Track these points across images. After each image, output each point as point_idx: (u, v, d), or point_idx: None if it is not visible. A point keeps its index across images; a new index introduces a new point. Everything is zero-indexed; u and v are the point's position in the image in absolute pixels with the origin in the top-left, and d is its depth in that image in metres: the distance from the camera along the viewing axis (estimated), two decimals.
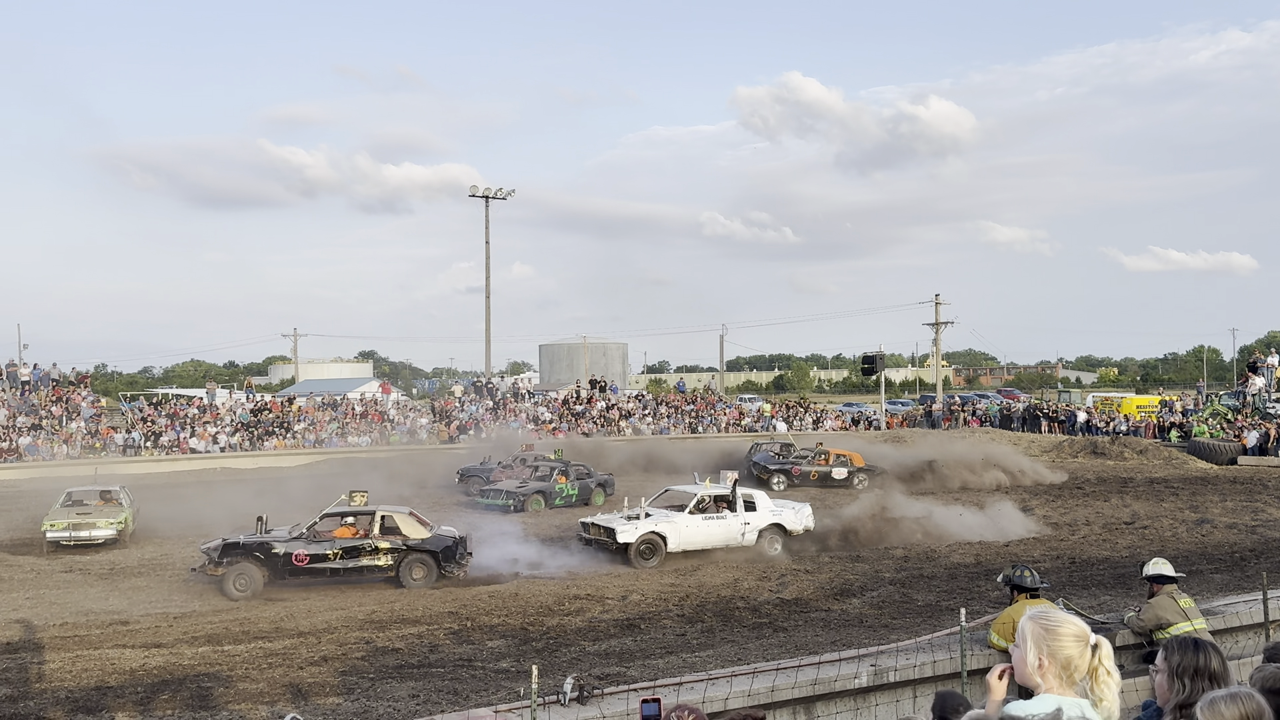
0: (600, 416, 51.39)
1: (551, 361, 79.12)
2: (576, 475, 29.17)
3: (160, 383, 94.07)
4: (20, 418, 40.58)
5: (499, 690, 10.89)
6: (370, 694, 10.90)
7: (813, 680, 7.73)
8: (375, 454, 41.22)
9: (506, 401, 51.84)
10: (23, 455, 38.11)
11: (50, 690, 11.15)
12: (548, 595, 16.19)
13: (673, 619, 14.70)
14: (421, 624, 14.38)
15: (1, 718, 10.08)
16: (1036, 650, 3.03)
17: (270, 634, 13.78)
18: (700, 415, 54.04)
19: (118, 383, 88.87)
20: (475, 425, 48.40)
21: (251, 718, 9.95)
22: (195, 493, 29.81)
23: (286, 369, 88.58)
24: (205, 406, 46.01)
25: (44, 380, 44.26)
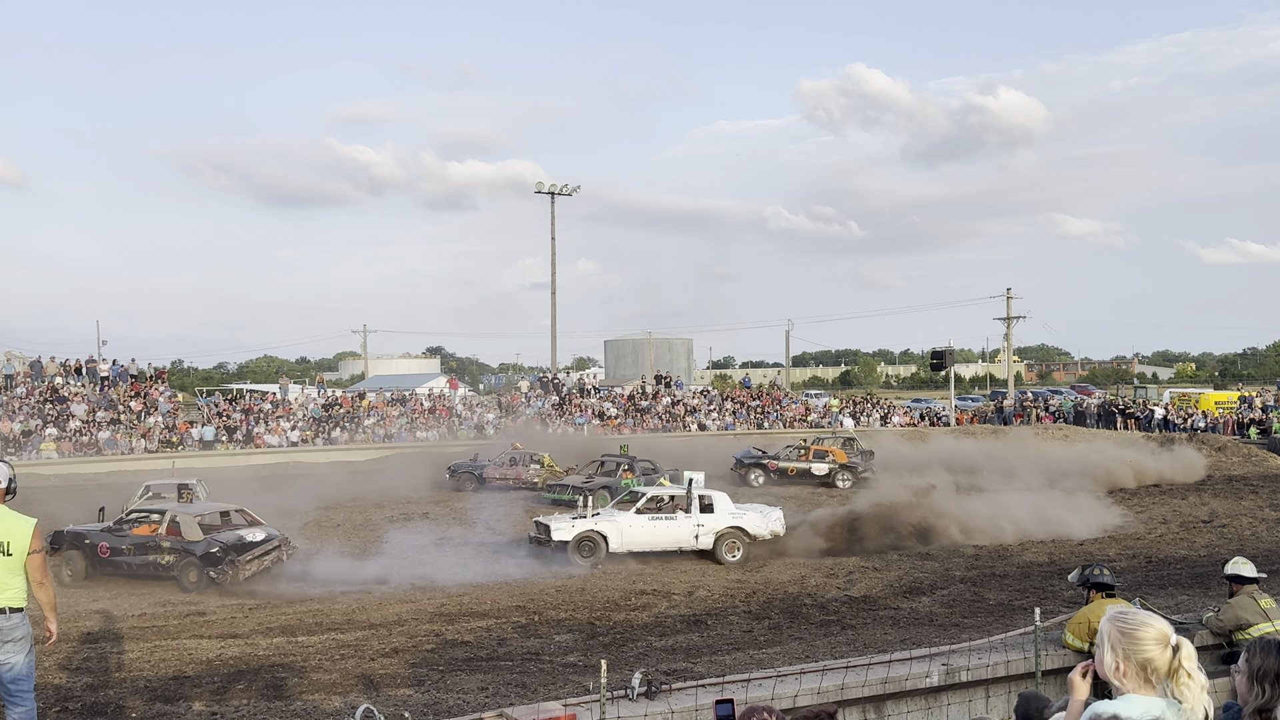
0: (665, 412, 51.43)
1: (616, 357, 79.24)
2: (642, 471, 29.23)
3: (235, 378, 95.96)
4: (100, 412, 41.66)
5: (566, 684, 10.96)
6: (440, 686, 11.03)
7: (883, 679, 7.68)
8: (442, 448, 41.66)
9: (572, 397, 52.08)
10: (102, 449, 39.12)
11: (129, 679, 11.44)
12: (614, 590, 16.26)
13: (739, 615, 14.68)
14: (490, 617, 14.52)
15: (82, 706, 10.35)
16: (1113, 652, 2.98)
17: (342, 626, 14.01)
18: (766, 411, 53.84)
19: (194, 378, 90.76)
20: (541, 421, 48.70)
21: (325, 708, 10.12)
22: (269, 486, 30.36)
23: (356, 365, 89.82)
24: (278, 401, 46.84)
25: (122, 376, 45.37)
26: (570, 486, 27.92)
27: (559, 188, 58.43)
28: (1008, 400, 57.80)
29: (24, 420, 40.17)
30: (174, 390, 48.84)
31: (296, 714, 9.94)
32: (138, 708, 10.32)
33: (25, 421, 40.07)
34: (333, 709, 10.04)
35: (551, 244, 58.84)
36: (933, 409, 59.76)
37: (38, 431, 39.51)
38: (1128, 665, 2.96)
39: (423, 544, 20.84)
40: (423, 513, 26.43)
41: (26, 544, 6.10)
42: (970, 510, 22.89)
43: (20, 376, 44.55)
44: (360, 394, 50.47)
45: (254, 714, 10.00)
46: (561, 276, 54.88)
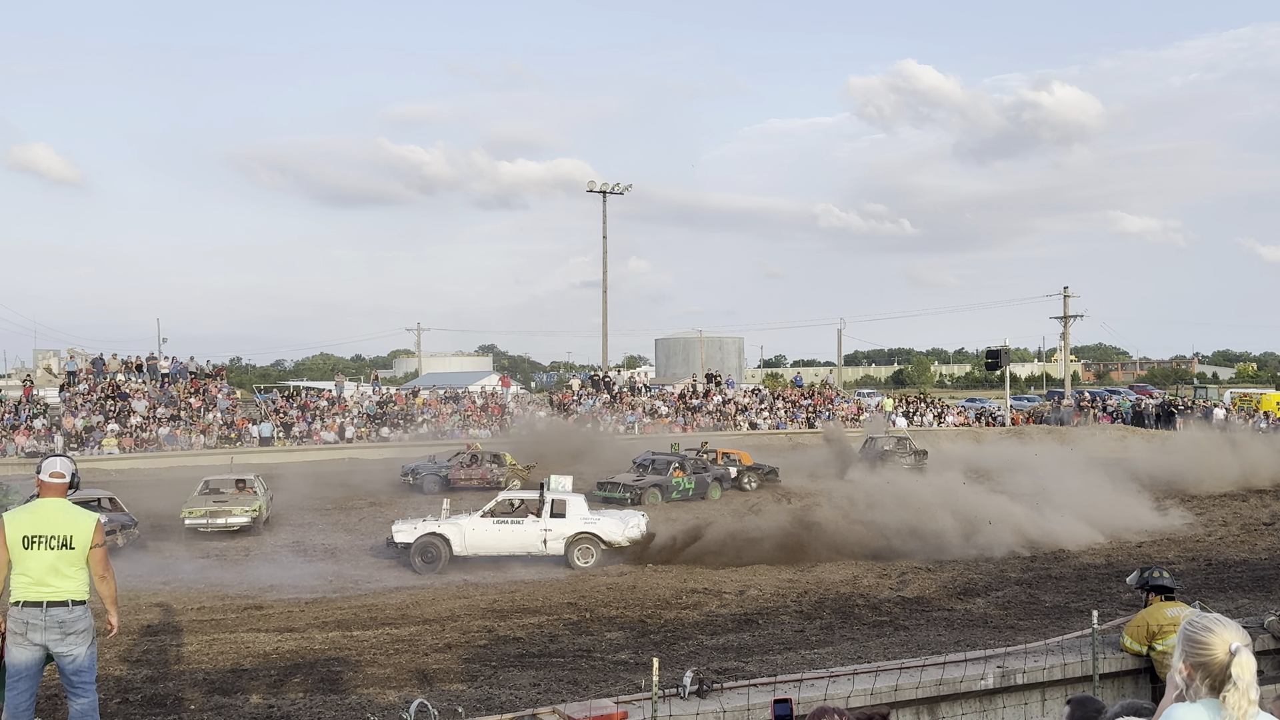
0: (716, 411, 51.33)
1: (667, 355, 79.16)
2: (693, 469, 29.20)
3: (291, 375, 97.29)
4: (160, 409, 42.40)
5: (618, 681, 10.97)
6: (493, 681, 11.09)
7: (937, 680, 7.59)
8: (494, 446, 41.89)
9: (623, 395, 52.15)
10: (162, 445, 39.84)
11: (188, 672, 11.62)
12: (665, 588, 16.25)
13: (791, 615, 14.60)
14: (541, 614, 14.58)
15: (142, 698, 10.53)
16: (1181, 656, 2.95)
17: (397, 620, 14.14)
18: (817, 410, 53.54)
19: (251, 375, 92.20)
20: (594, 419, 48.81)
21: (379, 702, 10.21)
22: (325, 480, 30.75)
23: (410, 362, 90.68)
24: (334, 399, 47.39)
25: (182, 373, 46.14)
26: (621, 484, 27.96)
27: (610, 186, 58.53)
28: (1065, 400, 56.96)
29: (86, 416, 41.00)
30: (232, 387, 49.58)
31: (351, 707, 10.04)
32: (196, 700, 10.48)
33: (88, 418, 40.90)
34: (387, 703, 10.13)
35: (603, 242, 58.97)
36: (988, 409, 59.07)
37: (99, 428, 40.31)
38: (1188, 668, 2.92)
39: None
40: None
41: (89, 538, 6.21)
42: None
43: (83, 373, 45.48)
44: (414, 391, 50.93)
45: (310, 707, 10.12)
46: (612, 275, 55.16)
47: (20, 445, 38.35)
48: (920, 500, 22.74)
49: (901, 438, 34.83)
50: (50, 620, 6.10)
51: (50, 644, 6.14)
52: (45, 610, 6.09)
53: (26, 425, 39.95)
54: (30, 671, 6.17)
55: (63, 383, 45.98)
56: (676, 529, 20.96)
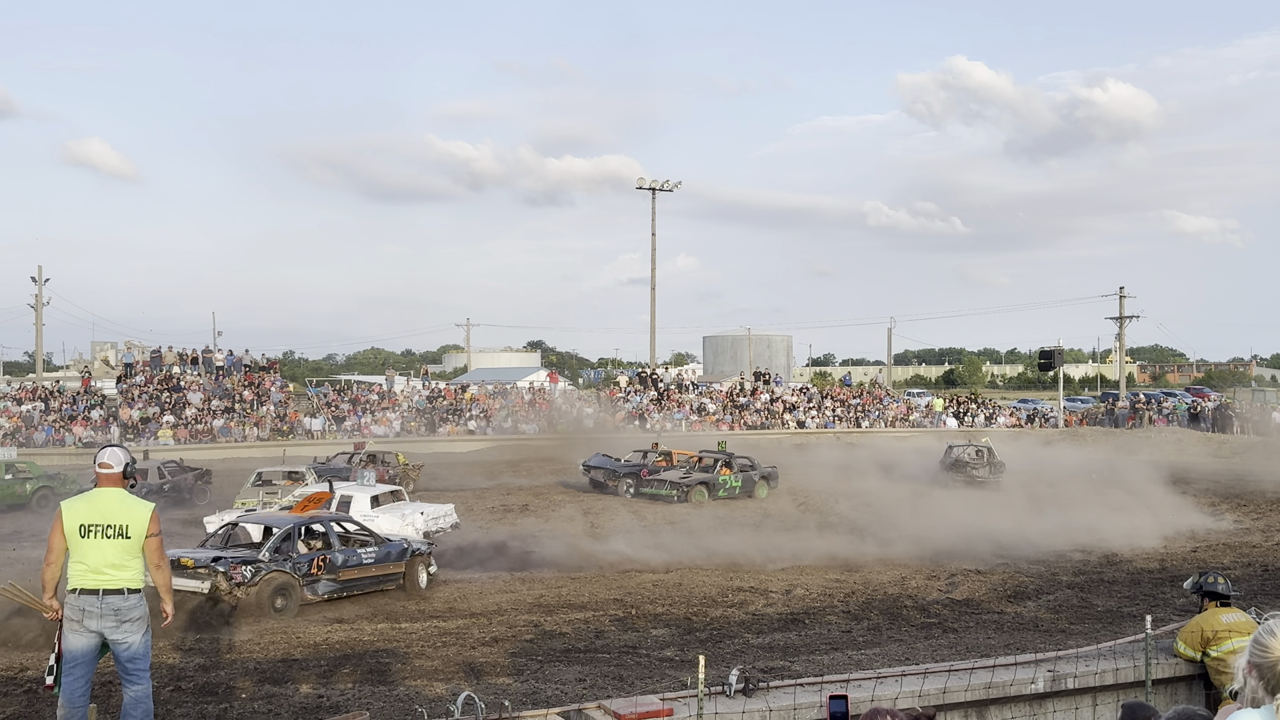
0: (764, 409, 51.15)
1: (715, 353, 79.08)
2: (740, 467, 29.11)
3: (343, 369, 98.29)
4: (214, 401, 43.03)
5: (663, 678, 10.95)
6: (539, 676, 11.13)
7: (986, 684, 7.50)
8: (541, 441, 42.09)
9: (670, 393, 52.13)
10: (216, 437, 40.43)
11: (239, 661, 11.77)
12: (711, 586, 16.22)
13: (838, 615, 14.51)
14: (588, 610, 14.61)
15: (194, 686, 10.67)
16: (1246, 654, 2.91)
17: (444, 614, 14.24)
18: (866, 410, 53.18)
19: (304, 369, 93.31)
20: (641, 416, 48.83)
21: (427, 694, 10.28)
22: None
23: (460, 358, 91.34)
24: (384, 393, 47.84)
25: (236, 366, 46.82)
26: (669, 482, 27.95)
27: (659, 184, 58.47)
28: (1120, 402, 56.10)
29: (143, 408, 41.71)
30: (285, 380, 50.21)
31: (400, 699, 10.11)
32: (248, 689, 10.61)
33: (144, 409, 41.61)
34: (435, 695, 10.19)
35: (652, 240, 58.96)
36: (1040, 410, 58.31)
37: (155, 419, 40.99)
38: (1249, 667, 2.89)
39: None
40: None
41: (145, 527, 6.31)
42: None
43: (140, 365, 46.29)
44: (463, 386, 51.30)
45: (359, 698, 10.20)
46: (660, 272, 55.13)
47: (78, 436, 39.10)
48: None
49: (982, 448, 32.50)
50: (106, 608, 6.21)
51: (106, 631, 6.25)
52: (101, 598, 6.20)
53: (84, 416, 40.74)
54: (86, 658, 6.28)
55: (120, 374, 46.86)
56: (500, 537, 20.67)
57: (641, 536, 21.32)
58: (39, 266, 53.02)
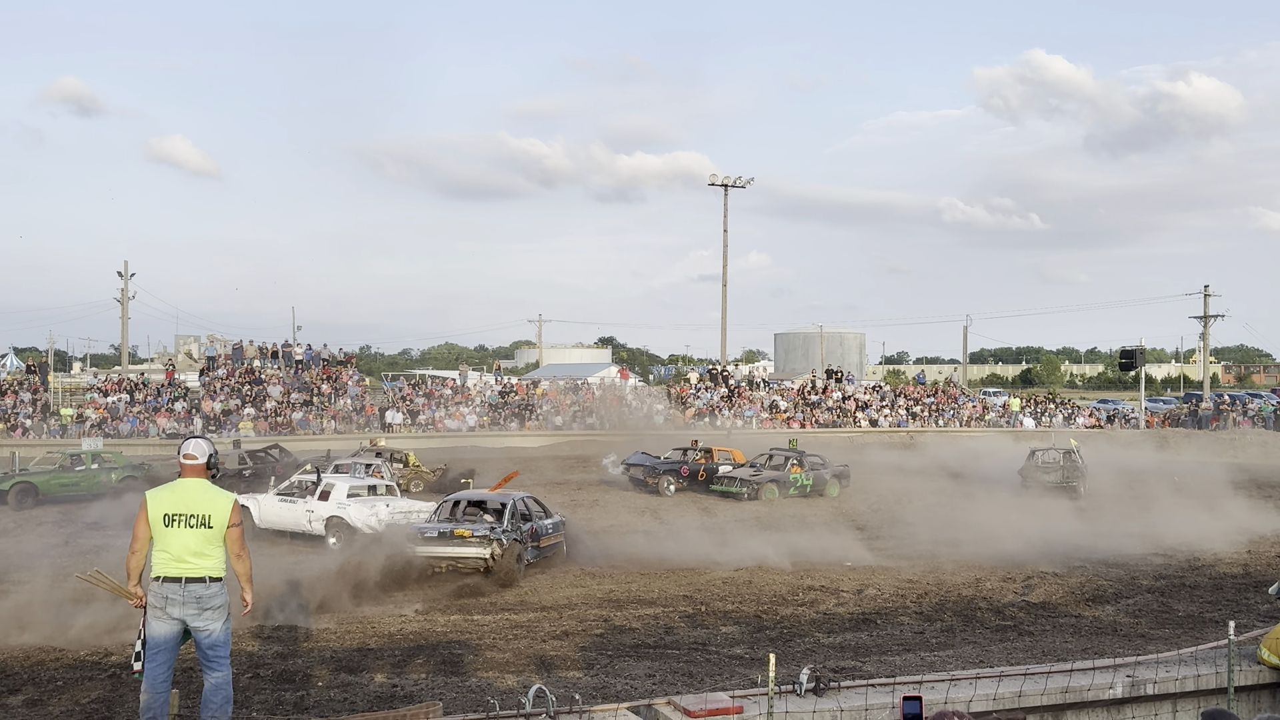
0: (836, 407, 50.75)
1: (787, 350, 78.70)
2: (811, 465, 28.90)
3: (417, 364, 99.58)
4: (294, 394, 43.86)
5: (733, 676, 10.93)
6: (608, 671, 11.17)
7: (1063, 688, 7.37)
8: (611, 437, 42.19)
9: (741, 390, 51.95)
10: (295, 429, 41.19)
11: (316, 649, 11.99)
12: (781, 585, 16.13)
13: (910, 616, 14.35)
14: (657, 605, 14.62)
15: (273, 673, 10.89)
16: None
17: (515, 607, 14.36)
18: (940, 409, 52.49)
19: (379, 363, 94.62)
20: (711, 412, 48.75)
21: (499, 685, 10.37)
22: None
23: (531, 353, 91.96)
24: (458, 387, 48.35)
25: (315, 360, 47.65)
26: (739, 479, 27.87)
27: (732, 180, 58.23)
28: (1204, 403, 54.67)
29: (224, 400, 42.66)
30: (362, 374, 50.98)
31: (472, 690, 10.22)
32: (324, 677, 10.80)
33: (225, 401, 42.56)
34: (506, 687, 10.28)
35: (724, 236, 58.74)
36: (1121, 410, 57.04)
37: (237, 411, 41.90)
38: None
39: None
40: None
41: (227, 518, 6.45)
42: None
43: (222, 359, 47.36)
44: (534, 382, 51.65)
45: (432, 688, 10.34)
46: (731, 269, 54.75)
47: (162, 427, 40.12)
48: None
49: (1069, 450, 30.36)
50: (188, 596, 6.35)
51: (188, 619, 6.40)
52: (184, 586, 6.35)
53: (168, 408, 41.78)
54: (169, 644, 6.44)
55: (202, 367, 47.99)
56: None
57: (711, 534, 21.28)
58: (125, 261, 54.39)
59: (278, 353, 48.00)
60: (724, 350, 60.71)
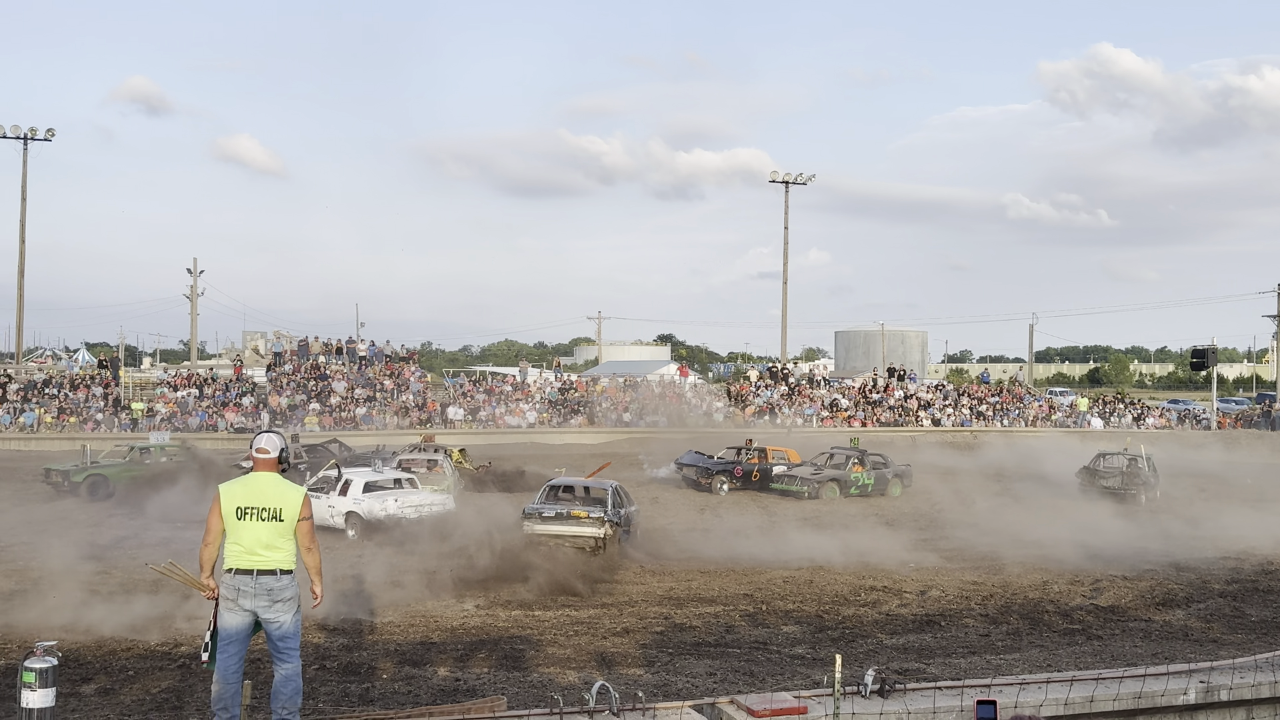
0: (898, 406, 50.28)
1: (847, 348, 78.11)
2: (873, 464, 28.66)
3: (478, 360, 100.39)
4: (357, 389, 44.43)
5: (795, 676, 10.88)
6: (669, 668, 11.18)
7: (1135, 693, 7.24)
8: (670, 434, 42.16)
9: (801, 388, 51.67)
10: (359, 424, 41.71)
11: (380, 642, 12.14)
12: (843, 585, 16.02)
13: (975, 618, 14.17)
14: (718, 604, 14.60)
15: (339, 665, 11.05)
16: None
17: (576, 603, 14.41)
18: (1005, 408, 51.77)
19: (440, 360, 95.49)
20: (770, 410, 48.55)
21: (560, 681, 10.42)
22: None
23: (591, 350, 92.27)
24: (518, 384, 48.63)
25: (378, 356, 48.25)
26: (799, 478, 27.73)
27: (793, 177, 57.91)
28: (1277, 404, 53.33)
29: (290, 395, 43.34)
30: (423, 371, 51.49)
31: (534, 685, 10.29)
32: (388, 669, 10.94)
33: (291, 396, 43.24)
34: (567, 683, 10.33)
35: (785, 233, 58.46)
36: (1192, 411, 55.86)
37: (302, 406, 42.55)
38: None
39: None
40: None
41: (297, 511, 6.54)
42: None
43: (288, 355, 48.11)
44: (594, 379, 51.77)
45: (494, 682, 10.42)
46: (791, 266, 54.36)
47: (230, 421, 40.85)
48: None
49: (1135, 457, 28.57)
50: (259, 588, 6.45)
51: (259, 610, 6.49)
52: (255, 578, 6.45)
53: (235, 402, 42.54)
54: (240, 635, 6.54)
55: (269, 363, 48.79)
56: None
57: (771, 532, 21.21)
58: (194, 259, 55.53)
59: (342, 349, 48.66)
60: (784, 348, 60.46)
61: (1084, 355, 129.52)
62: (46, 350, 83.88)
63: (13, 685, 7.30)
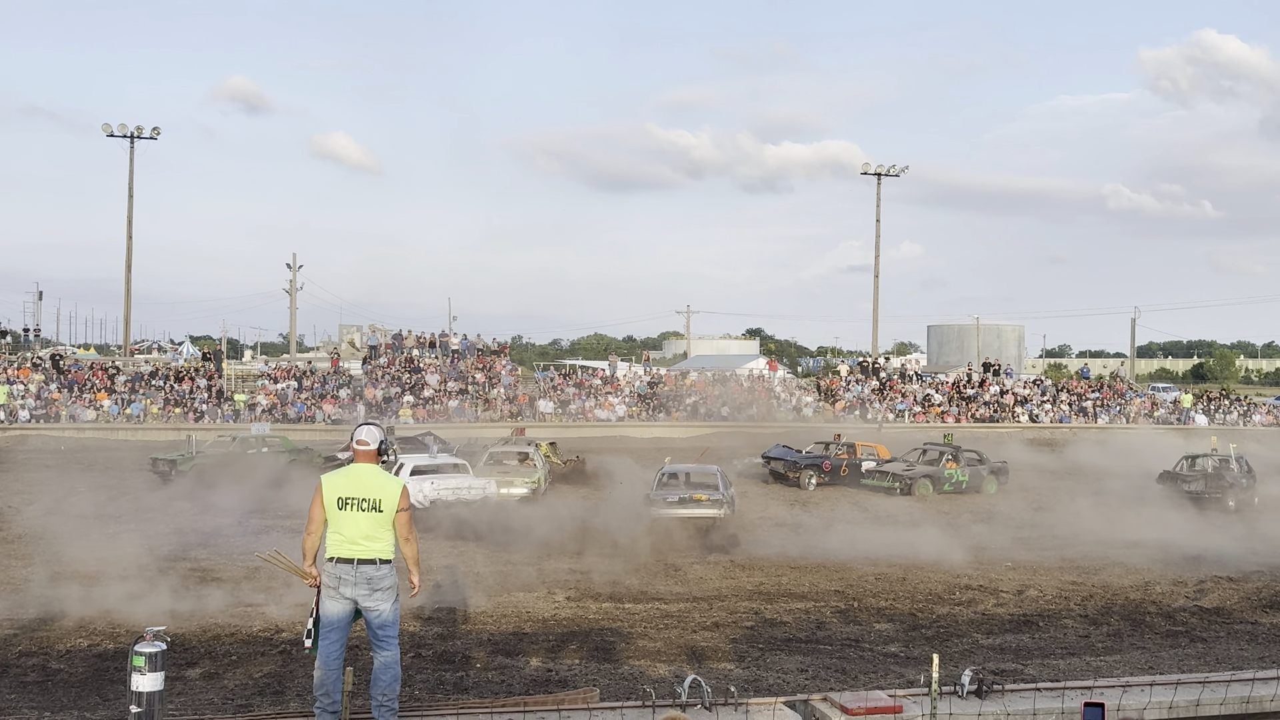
0: (993, 402, 49.35)
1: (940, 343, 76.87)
2: (967, 461, 28.20)
3: (567, 354, 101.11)
4: (450, 382, 45.10)
5: (887, 674, 10.77)
6: (759, 664, 11.15)
7: (1243, 697, 7.02)
8: (759, 429, 41.98)
9: (893, 383, 51.02)
10: (451, 416, 42.34)
11: (474, 632, 12.33)
12: (937, 583, 15.80)
13: (1074, 619, 13.87)
14: (808, 600, 14.52)
15: (434, 654, 11.24)
16: None
17: (666, 596, 14.45)
18: (1106, 404, 50.49)
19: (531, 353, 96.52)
20: (861, 405, 48.05)
21: (651, 674, 10.47)
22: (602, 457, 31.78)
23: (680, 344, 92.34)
24: (607, 378, 48.89)
25: (470, 349, 48.91)
26: (890, 474, 27.41)
27: (885, 169, 57.16)
28: None
29: (385, 388, 44.17)
30: (514, 364, 52.05)
31: (624, 677, 10.35)
32: (481, 659, 11.10)
33: (386, 389, 44.06)
34: (658, 676, 10.37)
35: (876, 226, 57.75)
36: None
37: (397, 398, 43.34)
38: None
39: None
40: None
41: (396, 502, 6.67)
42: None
43: (382, 348, 49.03)
44: (683, 373, 51.78)
45: (585, 674, 10.51)
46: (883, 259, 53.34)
47: (327, 413, 41.79)
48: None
49: (1226, 458, 26.92)
50: (360, 576, 6.60)
51: (359, 599, 6.64)
52: (356, 567, 6.59)
53: (333, 395, 43.50)
54: (341, 623, 6.70)
55: (365, 356, 49.78)
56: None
57: (862, 529, 20.99)
58: (293, 254, 56.94)
59: (435, 343, 49.45)
60: (875, 342, 59.73)
61: (1188, 350, 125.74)
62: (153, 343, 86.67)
63: (122, 668, 7.57)
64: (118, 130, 48.86)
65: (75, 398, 41.43)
